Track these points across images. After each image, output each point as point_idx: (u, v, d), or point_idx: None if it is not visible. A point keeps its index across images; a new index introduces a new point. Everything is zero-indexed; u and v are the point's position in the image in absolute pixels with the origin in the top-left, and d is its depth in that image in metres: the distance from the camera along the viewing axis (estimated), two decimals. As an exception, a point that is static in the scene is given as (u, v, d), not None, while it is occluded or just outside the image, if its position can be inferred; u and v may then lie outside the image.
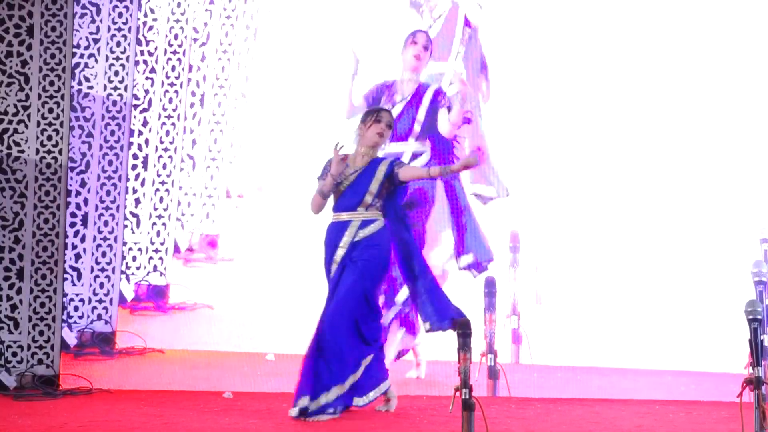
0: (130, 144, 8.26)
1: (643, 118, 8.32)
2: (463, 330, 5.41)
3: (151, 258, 8.37)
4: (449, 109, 7.79)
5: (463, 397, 5.18)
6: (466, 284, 8.07)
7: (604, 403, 7.55)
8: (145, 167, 8.35)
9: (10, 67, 7.85)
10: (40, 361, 7.80)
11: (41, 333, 7.80)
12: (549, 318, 8.20)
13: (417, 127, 7.82)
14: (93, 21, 8.16)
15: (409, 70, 7.84)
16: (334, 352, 6.72)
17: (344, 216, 6.92)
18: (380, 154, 7.06)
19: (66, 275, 8.03)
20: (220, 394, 7.59)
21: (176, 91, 8.35)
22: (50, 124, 7.84)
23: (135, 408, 7.10)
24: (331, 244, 6.92)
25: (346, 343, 6.74)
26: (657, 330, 8.19)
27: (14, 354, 7.80)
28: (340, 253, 6.88)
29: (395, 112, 7.74)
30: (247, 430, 6.46)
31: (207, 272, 8.40)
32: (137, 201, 8.32)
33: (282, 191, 8.37)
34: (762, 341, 5.71)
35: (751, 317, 5.78)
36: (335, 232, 6.93)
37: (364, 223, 6.90)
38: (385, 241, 6.93)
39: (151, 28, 8.30)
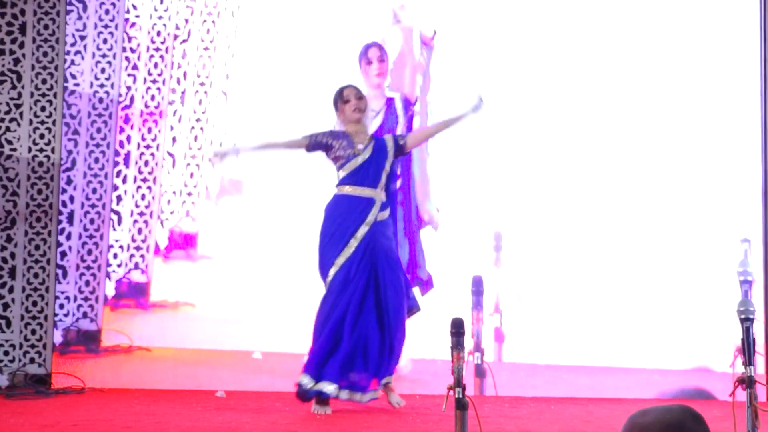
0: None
1: (628, 119, 8.30)
2: (456, 329, 5.39)
3: (132, 255, 8.25)
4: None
5: (456, 396, 5.16)
6: (454, 283, 8.06)
7: (596, 403, 7.53)
8: (126, 164, 8.23)
9: (3, 65, 7.80)
10: (32, 360, 7.76)
11: (33, 332, 7.76)
12: (532, 316, 8.19)
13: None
14: (79, 18, 8.05)
15: (374, 87, 7.76)
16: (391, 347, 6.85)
17: (367, 192, 6.88)
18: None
19: (52, 273, 7.98)
20: (213, 393, 7.54)
21: (158, 88, 8.23)
22: (42, 123, 7.80)
23: (127, 407, 7.04)
24: (353, 218, 6.84)
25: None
26: (643, 328, 8.18)
27: (6, 353, 7.75)
28: (364, 230, 6.84)
29: (372, 129, 7.65)
30: (240, 430, 6.40)
31: (186, 270, 8.30)
32: (119, 198, 8.20)
33: (262, 189, 8.31)
34: (754, 340, 5.70)
35: (743, 317, 5.76)
36: (358, 206, 6.86)
37: (383, 206, 6.93)
38: (394, 233, 7.07)
39: (133, 24, 8.19)
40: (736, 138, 8.26)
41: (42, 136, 7.78)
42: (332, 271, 6.86)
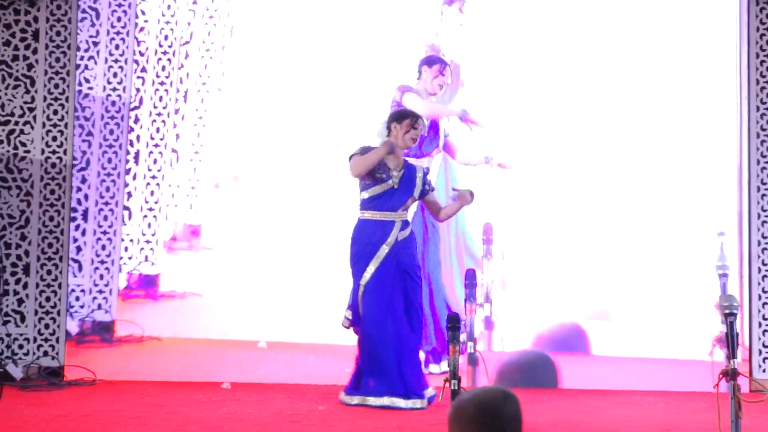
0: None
1: (609, 118, 8.43)
2: (453, 323, 5.44)
3: (142, 248, 8.39)
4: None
5: (452, 387, 5.21)
6: (448, 275, 8.16)
7: (585, 394, 7.57)
8: (136, 162, 8.37)
9: (17, 70, 7.84)
10: (45, 353, 7.78)
11: (47, 326, 7.79)
12: (520, 306, 8.28)
13: (435, 154, 8.08)
14: (93, 25, 8.19)
15: (432, 94, 8.01)
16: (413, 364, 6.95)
17: (389, 216, 7.00)
18: None
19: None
20: (219, 385, 7.59)
21: (166, 90, 8.39)
22: (55, 126, 7.83)
23: (137, 398, 7.10)
24: (374, 241, 6.97)
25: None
26: (625, 319, 8.27)
27: (21, 346, 7.77)
28: (385, 249, 6.95)
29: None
30: (245, 420, 6.47)
31: (190, 260, 8.42)
32: (129, 194, 8.35)
33: (259, 180, 8.46)
34: (737, 334, 5.74)
35: (727, 311, 5.79)
36: (379, 229, 6.98)
37: (404, 224, 7.07)
38: (416, 248, 7.21)
39: (142, 29, 8.34)
40: (711, 135, 8.37)
41: (54, 139, 7.82)
42: (360, 293, 6.98)
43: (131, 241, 8.34)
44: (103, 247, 8.19)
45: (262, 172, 8.45)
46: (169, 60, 8.38)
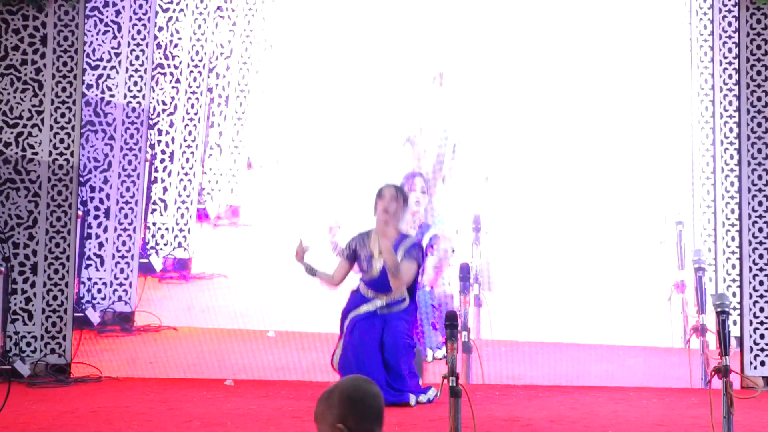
0: (157, 142, 8.86)
1: (578, 122, 8.71)
2: (451, 321, 5.44)
3: (176, 236, 8.90)
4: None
5: (450, 384, 5.21)
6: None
7: (582, 390, 7.61)
8: (171, 161, 8.87)
9: (25, 74, 7.90)
10: (52, 351, 7.85)
11: (54, 324, 7.84)
12: (507, 293, 8.48)
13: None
14: (114, 37, 8.57)
15: (411, 214, 7.98)
16: None
17: (370, 293, 7.06)
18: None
19: (90, 262, 8.42)
20: (222, 382, 7.65)
21: (197, 98, 8.94)
22: (62, 128, 7.90)
23: (142, 395, 7.17)
24: (353, 307, 7.07)
25: None
26: (606, 309, 8.40)
27: (28, 344, 7.84)
28: (363, 309, 7.04)
29: None
30: (248, 416, 6.52)
31: (218, 245, 8.97)
32: (165, 189, 8.92)
33: (286, 169, 9.04)
34: (729, 332, 5.75)
35: (719, 310, 5.81)
36: (359, 299, 7.06)
37: (391, 303, 7.04)
38: (410, 317, 7.10)
39: (176, 45, 8.92)
40: (689, 132, 8.57)
41: (62, 141, 7.89)
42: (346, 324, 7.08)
43: (167, 229, 8.92)
44: (124, 243, 8.58)
45: (290, 161, 9.02)
46: (200, 72, 8.97)
